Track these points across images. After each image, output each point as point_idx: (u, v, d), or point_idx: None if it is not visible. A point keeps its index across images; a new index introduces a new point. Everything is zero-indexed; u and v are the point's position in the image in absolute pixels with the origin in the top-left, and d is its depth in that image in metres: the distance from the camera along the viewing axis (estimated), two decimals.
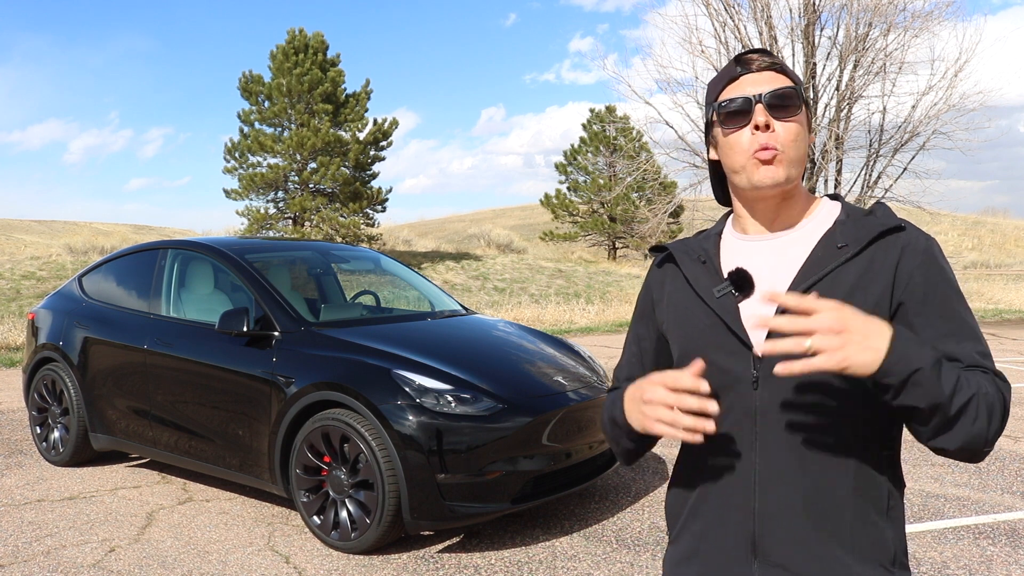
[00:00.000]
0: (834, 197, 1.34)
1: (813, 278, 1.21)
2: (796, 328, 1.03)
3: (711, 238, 1.37)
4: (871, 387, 1.10)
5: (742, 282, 1.26)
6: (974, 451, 1.13)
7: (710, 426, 1.11)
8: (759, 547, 1.22)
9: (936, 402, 1.06)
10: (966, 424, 1.09)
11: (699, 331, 1.28)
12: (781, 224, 1.29)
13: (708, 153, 1.35)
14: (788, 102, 1.22)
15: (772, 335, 1.18)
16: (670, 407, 1.13)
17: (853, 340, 1.03)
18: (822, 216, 1.29)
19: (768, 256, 1.28)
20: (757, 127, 1.22)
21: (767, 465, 1.21)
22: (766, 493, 1.21)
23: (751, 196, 1.28)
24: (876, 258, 1.21)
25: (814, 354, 1.03)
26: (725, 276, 1.28)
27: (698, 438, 1.13)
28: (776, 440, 1.21)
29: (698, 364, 1.14)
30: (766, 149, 1.21)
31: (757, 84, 1.24)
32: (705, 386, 1.12)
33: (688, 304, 1.31)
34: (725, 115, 1.25)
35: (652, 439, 1.32)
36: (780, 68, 1.26)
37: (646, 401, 1.17)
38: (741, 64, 1.27)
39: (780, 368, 1.05)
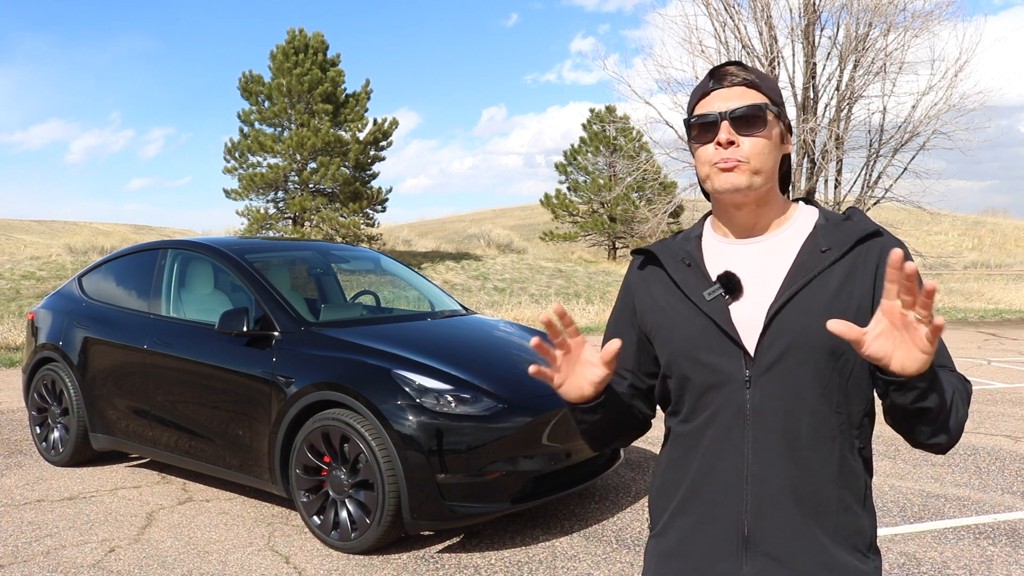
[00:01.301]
0: (809, 201, 1.40)
1: (801, 281, 1.26)
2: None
3: (692, 240, 1.40)
4: (885, 391, 1.14)
5: (731, 285, 1.30)
6: (952, 443, 1.21)
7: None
8: (750, 540, 1.27)
9: (943, 402, 1.14)
10: (954, 418, 1.18)
11: (690, 332, 1.32)
12: (761, 229, 1.35)
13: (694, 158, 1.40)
14: (753, 119, 1.28)
15: (765, 335, 1.25)
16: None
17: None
18: (801, 221, 1.35)
19: (753, 259, 1.33)
20: (720, 143, 1.28)
21: (758, 461, 1.26)
22: (758, 488, 1.26)
23: (724, 202, 1.34)
24: (857, 262, 1.27)
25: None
26: (714, 279, 1.32)
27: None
28: (767, 437, 1.26)
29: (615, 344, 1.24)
30: (727, 160, 1.28)
31: (727, 100, 1.30)
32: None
33: (677, 306, 1.35)
34: (696, 129, 1.32)
35: (599, 418, 1.35)
36: (752, 83, 1.31)
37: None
38: (715, 79, 1.33)
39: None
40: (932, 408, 1.12)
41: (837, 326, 1.05)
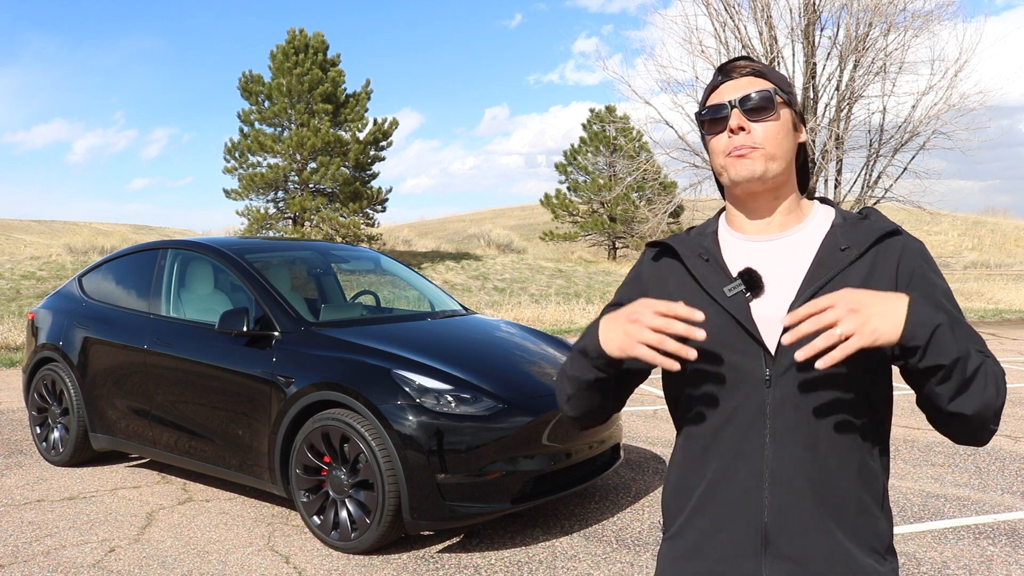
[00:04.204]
0: (824, 201, 1.39)
1: (821, 280, 1.25)
2: (820, 324, 1.10)
3: (708, 236, 1.38)
4: (894, 355, 1.16)
5: (753, 281, 1.28)
6: (985, 421, 1.18)
7: (692, 353, 1.15)
8: (769, 541, 1.25)
9: (957, 356, 1.11)
10: (979, 388, 1.14)
11: (709, 329, 1.27)
12: (778, 225, 1.33)
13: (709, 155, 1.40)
14: (762, 104, 1.29)
15: (786, 333, 1.22)
16: (656, 330, 1.15)
17: (874, 314, 1.09)
18: (818, 219, 1.34)
19: (772, 257, 1.31)
20: (732, 131, 1.28)
21: (779, 461, 1.25)
22: (778, 488, 1.24)
23: (739, 194, 1.33)
24: (878, 261, 1.26)
25: (846, 339, 1.09)
26: (734, 275, 1.30)
27: (675, 365, 1.16)
28: (788, 436, 1.24)
29: (698, 313, 1.18)
30: (741, 147, 1.28)
31: (735, 90, 1.31)
32: (699, 315, 1.16)
33: (696, 302, 1.31)
34: (707, 122, 1.33)
35: (613, 390, 1.33)
36: (759, 73, 1.32)
37: (631, 319, 1.18)
38: (723, 73, 1.34)
39: (822, 362, 1.10)
40: (945, 365, 1.11)
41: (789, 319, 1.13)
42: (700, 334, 1.15)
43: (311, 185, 21.68)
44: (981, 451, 5.54)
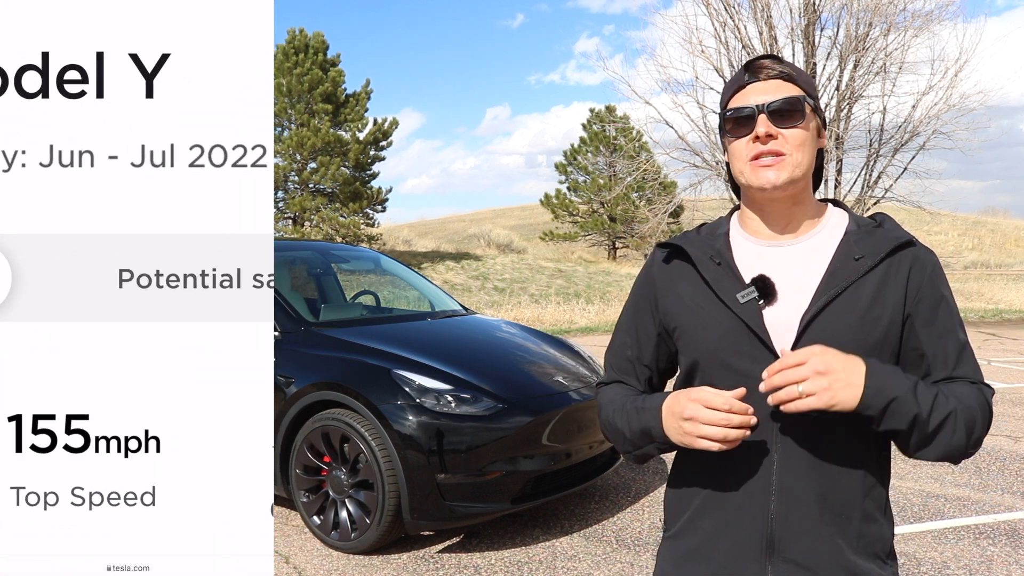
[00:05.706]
0: (835, 203, 1.37)
1: (835, 290, 1.24)
2: (787, 380, 1.14)
3: (719, 238, 1.36)
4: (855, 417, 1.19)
5: (766, 289, 1.27)
6: (953, 459, 1.23)
7: (753, 421, 1.20)
8: (774, 546, 1.25)
9: (914, 423, 1.17)
10: (944, 438, 1.19)
11: (721, 335, 1.28)
12: (793, 230, 1.31)
13: (725, 154, 1.37)
14: (792, 111, 1.25)
15: (799, 342, 1.23)
16: (714, 424, 1.18)
17: (837, 380, 1.14)
18: (832, 224, 1.32)
19: (785, 263, 1.29)
20: (758, 137, 1.25)
21: (785, 467, 1.25)
22: (784, 493, 1.24)
23: (759, 199, 1.30)
24: (890, 271, 1.25)
25: (807, 396, 1.14)
26: (747, 281, 1.28)
27: (734, 444, 1.20)
28: (795, 443, 1.24)
29: (741, 391, 1.20)
30: (766, 155, 1.25)
31: (763, 93, 1.27)
32: (753, 419, 1.19)
33: (706, 306, 1.30)
34: (731, 123, 1.29)
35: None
36: (788, 76, 1.28)
37: (687, 418, 1.20)
38: (750, 72, 1.30)
39: (781, 406, 1.16)
40: (902, 429, 1.18)
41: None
42: (754, 421, 1.20)
43: (311, 185, 21.70)
44: (981, 451, 5.54)
